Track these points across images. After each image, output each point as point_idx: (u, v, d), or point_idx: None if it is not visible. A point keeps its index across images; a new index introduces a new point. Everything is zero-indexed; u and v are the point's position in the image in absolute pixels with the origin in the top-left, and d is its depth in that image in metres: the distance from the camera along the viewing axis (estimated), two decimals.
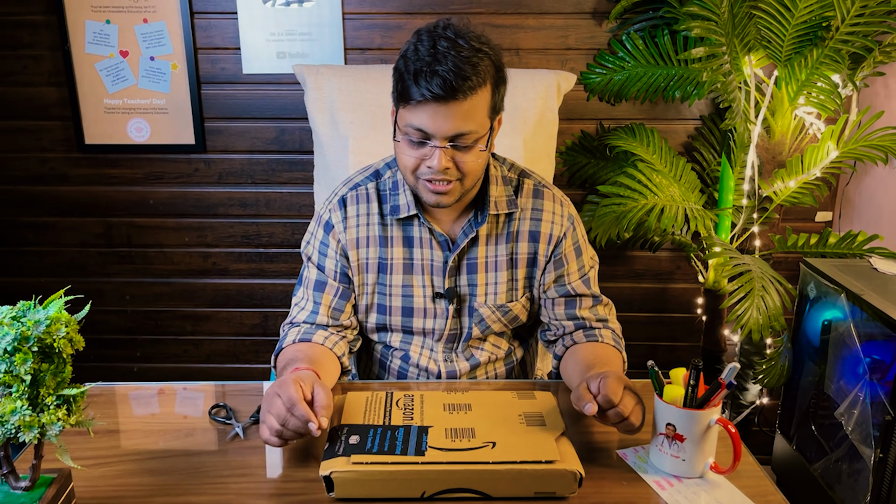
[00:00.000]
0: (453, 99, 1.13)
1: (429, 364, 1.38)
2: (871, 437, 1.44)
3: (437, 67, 1.12)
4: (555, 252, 1.35)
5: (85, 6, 2.16)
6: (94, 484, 1.03)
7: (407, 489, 0.99)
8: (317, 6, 2.17)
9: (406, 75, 1.15)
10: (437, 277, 1.34)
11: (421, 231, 1.32)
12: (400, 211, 1.31)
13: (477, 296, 1.35)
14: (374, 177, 1.36)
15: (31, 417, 0.86)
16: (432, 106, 1.14)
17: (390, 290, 1.35)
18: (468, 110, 1.15)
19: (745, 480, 1.06)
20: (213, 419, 1.21)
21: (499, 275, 1.35)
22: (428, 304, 1.35)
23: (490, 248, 1.34)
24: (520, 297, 1.38)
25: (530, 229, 1.35)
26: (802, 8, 1.73)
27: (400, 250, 1.33)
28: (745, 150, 1.96)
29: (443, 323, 1.35)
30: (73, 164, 2.33)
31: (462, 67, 1.12)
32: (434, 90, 1.12)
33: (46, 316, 0.88)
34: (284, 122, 2.29)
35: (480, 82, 1.15)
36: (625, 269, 2.42)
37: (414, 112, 1.16)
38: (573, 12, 2.18)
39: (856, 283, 1.57)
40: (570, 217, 1.37)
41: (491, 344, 1.41)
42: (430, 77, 1.12)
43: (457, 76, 1.12)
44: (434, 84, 1.12)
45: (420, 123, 1.16)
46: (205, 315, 2.49)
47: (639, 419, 1.06)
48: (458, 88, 1.12)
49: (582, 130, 2.27)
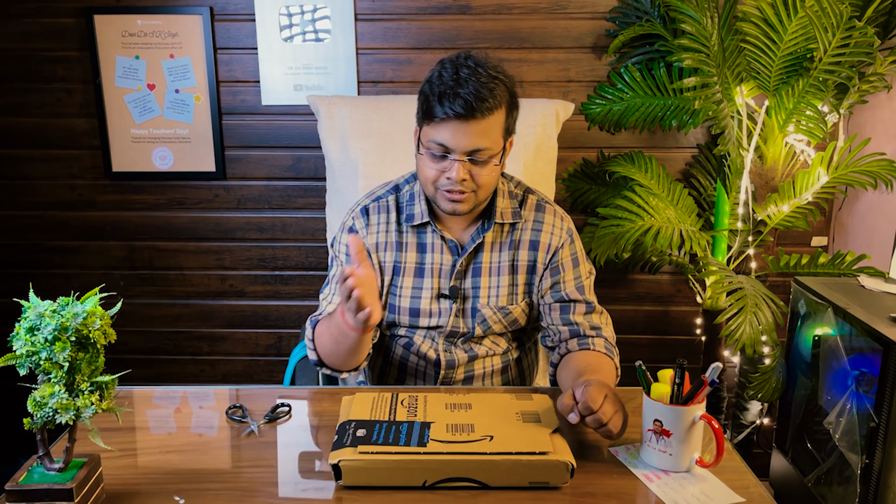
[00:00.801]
0: (472, 118, 1.29)
1: (429, 352, 1.49)
2: (857, 444, 1.49)
3: (459, 90, 1.28)
4: (552, 260, 1.47)
5: (116, 43, 2.31)
6: (119, 473, 1.11)
7: (410, 477, 1.06)
8: (332, 42, 2.30)
9: (431, 97, 1.31)
10: (445, 280, 1.46)
11: (433, 237, 1.45)
12: (414, 219, 1.45)
13: (480, 297, 1.46)
14: (394, 190, 1.50)
15: (68, 401, 0.95)
16: (454, 123, 1.29)
17: (400, 290, 1.46)
18: (485, 129, 1.31)
19: (729, 475, 1.13)
20: (230, 418, 1.29)
21: (501, 279, 1.47)
22: (433, 305, 1.46)
23: (494, 254, 1.46)
24: (520, 302, 1.49)
25: (531, 238, 1.47)
26: (787, 41, 1.83)
27: (413, 255, 1.46)
28: (739, 176, 2.05)
29: (446, 321, 1.46)
30: (101, 190, 2.45)
31: (481, 91, 1.28)
32: (456, 109, 1.27)
33: (83, 309, 0.97)
34: (300, 150, 2.41)
35: (497, 105, 1.31)
36: (626, 292, 2.50)
37: (437, 129, 1.31)
38: (574, 47, 2.31)
39: (843, 298, 1.64)
40: (568, 231, 1.50)
41: (490, 341, 1.51)
42: (454, 98, 1.28)
43: (476, 98, 1.27)
44: (457, 104, 1.27)
45: (442, 139, 1.31)
46: (221, 336, 2.58)
47: (617, 426, 1.14)
48: (477, 109, 1.28)
49: (584, 158, 2.37)
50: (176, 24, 2.29)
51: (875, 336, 1.47)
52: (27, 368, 0.95)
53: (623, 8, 2.24)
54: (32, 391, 0.95)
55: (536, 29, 2.29)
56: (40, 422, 0.95)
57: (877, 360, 1.48)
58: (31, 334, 0.95)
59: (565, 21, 2.29)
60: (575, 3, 2.27)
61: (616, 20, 2.25)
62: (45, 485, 0.96)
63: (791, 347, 1.84)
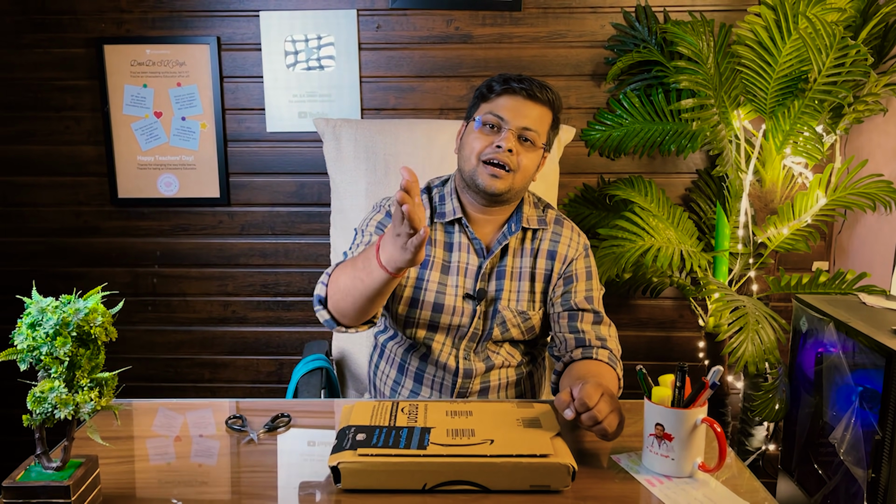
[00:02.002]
0: (533, 99, 1.42)
1: (448, 360, 1.50)
2: (863, 460, 1.47)
3: (523, 78, 1.44)
4: (566, 270, 1.52)
5: (125, 72, 2.36)
6: (117, 478, 1.10)
7: (410, 481, 1.05)
8: (336, 70, 2.35)
9: (494, 82, 1.45)
10: (470, 280, 1.49)
11: (461, 237, 1.50)
12: (446, 216, 1.50)
13: (501, 300, 1.49)
14: (425, 191, 1.56)
15: (67, 396, 0.95)
16: (516, 99, 1.42)
17: (427, 284, 1.48)
18: (539, 115, 1.44)
19: (733, 480, 1.12)
20: (229, 428, 1.28)
21: (522, 284, 1.51)
22: (458, 303, 1.48)
23: (517, 259, 1.52)
24: (537, 309, 1.52)
25: (549, 248, 1.53)
26: (782, 62, 1.87)
27: (441, 251, 1.50)
28: (738, 199, 2.07)
29: (468, 321, 1.48)
30: (106, 216, 2.48)
31: (543, 84, 1.45)
32: (523, 86, 1.42)
33: (85, 306, 0.98)
34: (304, 176, 2.44)
35: (550, 101, 1.45)
36: (629, 318, 2.49)
37: (496, 102, 1.43)
38: (573, 74, 2.35)
39: (845, 314, 1.63)
40: (585, 245, 1.56)
41: (506, 351, 1.53)
42: (519, 80, 1.43)
43: (539, 86, 1.44)
44: (522, 83, 1.42)
45: (499, 111, 1.42)
46: (223, 363, 2.57)
47: (612, 426, 1.13)
48: (539, 93, 1.43)
49: (584, 183, 2.40)
50: (184, 53, 2.35)
51: (878, 348, 1.46)
52: (28, 364, 0.95)
53: (621, 36, 2.29)
54: (32, 388, 0.95)
55: (537, 57, 2.34)
56: (39, 419, 0.95)
57: (880, 376, 1.47)
58: (32, 329, 0.95)
59: (565, 49, 2.34)
60: (574, 32, 2.32)
61: (614, 48, 2.30)
62: (42, 482, 0.95)
63: (794, 366, 1.83)
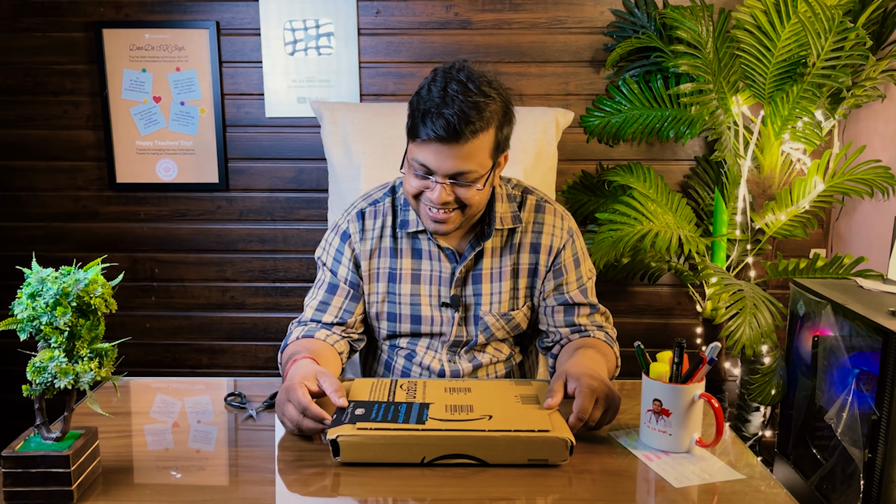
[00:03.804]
0: (455, 141, 1.22)
1: (432, 363, 1.45)
2: (860, 441, 1.48)
3: (444, 110, 1.20)
4: (554, 262, 1.43)
5: (123, 56, 2.36)
6: (117, 451, 1.11)
7: (408, 454, 1.05)
8: (335, 56, 2.35)
9: (416, 114, 1.25)
10: (444, 288, 1.42)
11: (429, 245, 1.41)
12: (409, 226, 1.40)
13: (482, 305, 1.42)
14: (390, 192, 1.45)
15: (67, 366, 0.95)
16: (436, 145, 1.23)
17: (399, 298, 1.43)
18: (469, 152, 1.24)
19: (730, 456, 1.12)
20: (228, 405, 1.28)
21: (502, 285, 1.43)
22: (434, 313, 1.42)
23: (495, 259, 1.42)
24: (521, 306, 1.45)
25: (532, 241, 1.43)
26: (781, 47, 1.87)
27: (409, 261, 1.42)
28: (736, 185, 2.07)
29: (449, 329, 1.43)
30: (105, 201, 2.48)
31: (467, 112, 1.20)
32: (438, 131, 1.21)
33: (85, 277, 0.98)
34: (303, 162, 2.44)
35: (483, 126, 1.23)
36: (626, 305, 2.50)
37: (420, 148, 1.26)
38: (572, 61, 2.35)
39: (842, 296, 1.64)
40: (569, 230, 1.45)
41: (493, 348, 1.48)
42: (436, 119, 1.20)
43: (461, 120, 1.20)
44: (438, 126, 1.20)
45: (424, 160, 1.25)
46: (221, 348, 2.57)
47: (597, 420, 1.14)
48: (461, 132, 1.21)
49: (582, 170, 2.40)
50: (183, 37, 2.34)
51: (875, 328, 1.47)
52: (28, 333, 0.95)
53: (620, 22, 2.30)
54: (32, 358, 0.96)
55: (536, 43, 2.34)
56: (39, 389, 0.95)
57: (877, 358, 1.48)
58: (32, 299, 0.95)
59: (564, 35, 2.34)
60: (573, 18, 2.32)
61: (613, 34, 2.31)
62: (42, 452, 0.95)
63: (791, 350, 1.84)
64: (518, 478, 1.03)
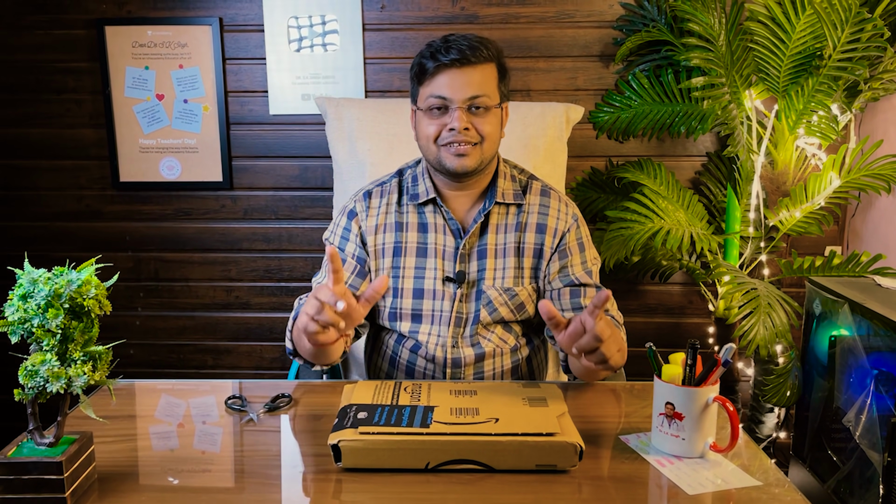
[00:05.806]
0: (468, 64, 1.32)
1: (436, 351, 1.44)
2: (879, 444, 1.44)
3: (450, 44, 1.33)
4: (559, 244, 1.46)
5: (126, 54, 2.33)
6: (113, 456, 1.08)
7: (412, 459, 1.02)
8: (340, 51, 2.32)
9: (424, 58, 1.35)
10: (449, 262, 1.43)
11: (436, 217, 1.44)
12: (419, 197, 1.44)
13: (485, 279, 1.44)
14: (397, 174, 1.51)
15: (59, 370, 0.92)
16: (450, 72, 1.32)
17: (403, 272, 1.44)
18: (481, 77, 1.34)
19: (743, 459, 1.08)
20: (229, 408, 1.25)
21: (507, 260, 1.44)
22: (438, 287, 1.43)
23: (500, 235, 1.45)
24: (526, 284, 1.46)
25: (538, 222, 1.46)
26: (796, 39, 1.82)
27: (414, 234, 1.45)
28: (749, 181, 2.02)
29: (450, 305, 1.43)
30: (108, 200, 2.45)
31: (474, 43, 1.33)
32: (452, 56, 1.31)
33: (78, 278, 0.95)
34: (307, 160, 2.41)
35: (489, 56, 1.35)
36: (637, 304, 2.46)
37: (433, 82, 1.34)
38: (581, 55, 2.31)
39: (860, 295, 1.60)
40: (574, 216, 1.49)
41: (498, 336, 1.47)
42: (447, 50, 1.32)
43: (469, 48, 1.32)
44: (451, 53, 1.32)
45: (440, 90, 1.33)
46: (226, 349, 2.55)
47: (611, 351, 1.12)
48: (472, 55, 1.32)
49: (592, 167, 2.36)
50: (185, 34, 2.31)
51: (894, 328, 1.42)
52: (19, 336, 0.92)
53: (629, 16, 2.25)
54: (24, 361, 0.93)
55: (543, 38, 2.30)
56: (31, 393, 0.93)
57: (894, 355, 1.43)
58: (23, 301, 0.92)
59: (572, 30, 2.29)
60: (582, 12, 2.28)
61: (623, 28, 2.26)
62: (34, 458, 0.93)
63: (806, 349, 1.79)
64: (526, 484, 0.99)
